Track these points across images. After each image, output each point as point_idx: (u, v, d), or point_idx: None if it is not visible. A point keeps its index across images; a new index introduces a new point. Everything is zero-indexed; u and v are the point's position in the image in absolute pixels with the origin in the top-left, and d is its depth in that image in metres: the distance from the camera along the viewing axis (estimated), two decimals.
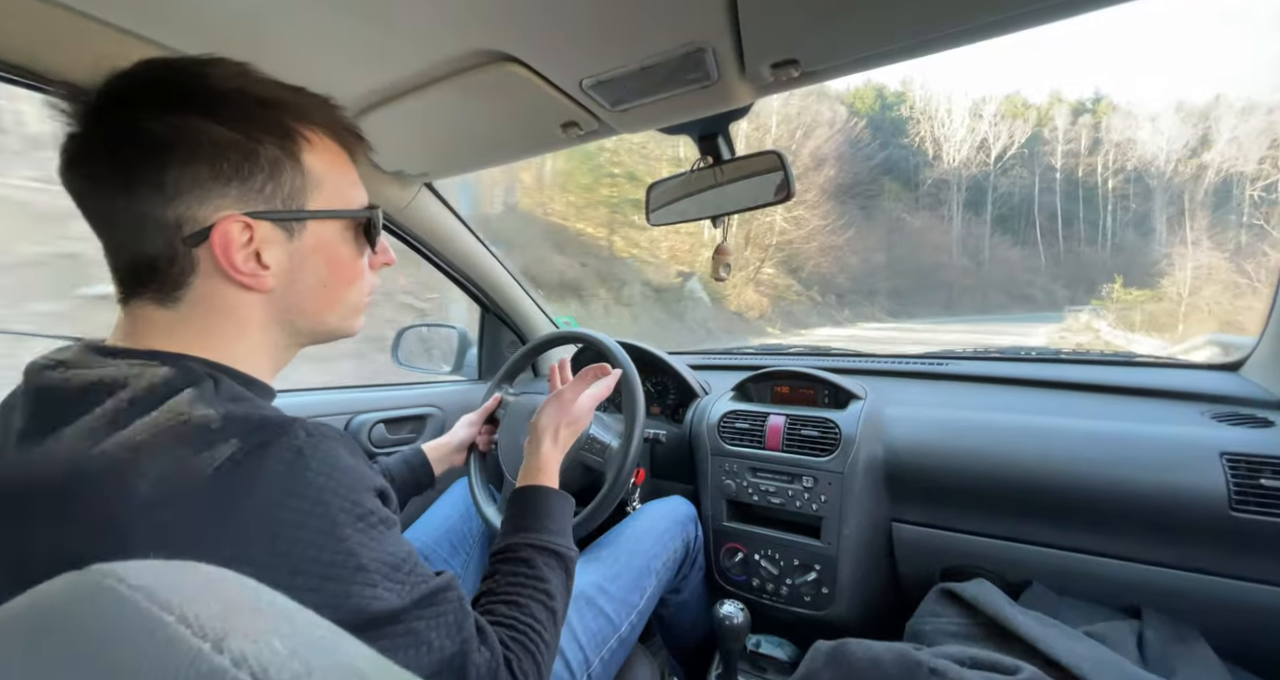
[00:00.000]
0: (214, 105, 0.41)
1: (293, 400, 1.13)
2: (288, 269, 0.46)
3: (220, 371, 0.43)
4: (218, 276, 0.43)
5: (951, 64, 68.14)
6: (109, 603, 0.14)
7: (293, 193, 0.45)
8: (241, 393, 0.42)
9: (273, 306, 0.46)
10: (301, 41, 0.66)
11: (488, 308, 1.48)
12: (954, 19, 0.57)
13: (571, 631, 0.74)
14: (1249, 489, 0.73)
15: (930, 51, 0.63)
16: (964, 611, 0.81)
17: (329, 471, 0.38)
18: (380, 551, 0.39)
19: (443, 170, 1.06)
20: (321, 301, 0.49)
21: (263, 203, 0.43)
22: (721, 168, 0.92)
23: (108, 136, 0.40)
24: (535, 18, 0.60)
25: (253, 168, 0.42)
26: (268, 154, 0.43)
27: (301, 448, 0.38)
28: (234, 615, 0.14)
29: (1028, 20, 0.56)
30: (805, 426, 1.05)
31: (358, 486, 0.40)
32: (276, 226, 0.44)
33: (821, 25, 0.59)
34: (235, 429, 0.36)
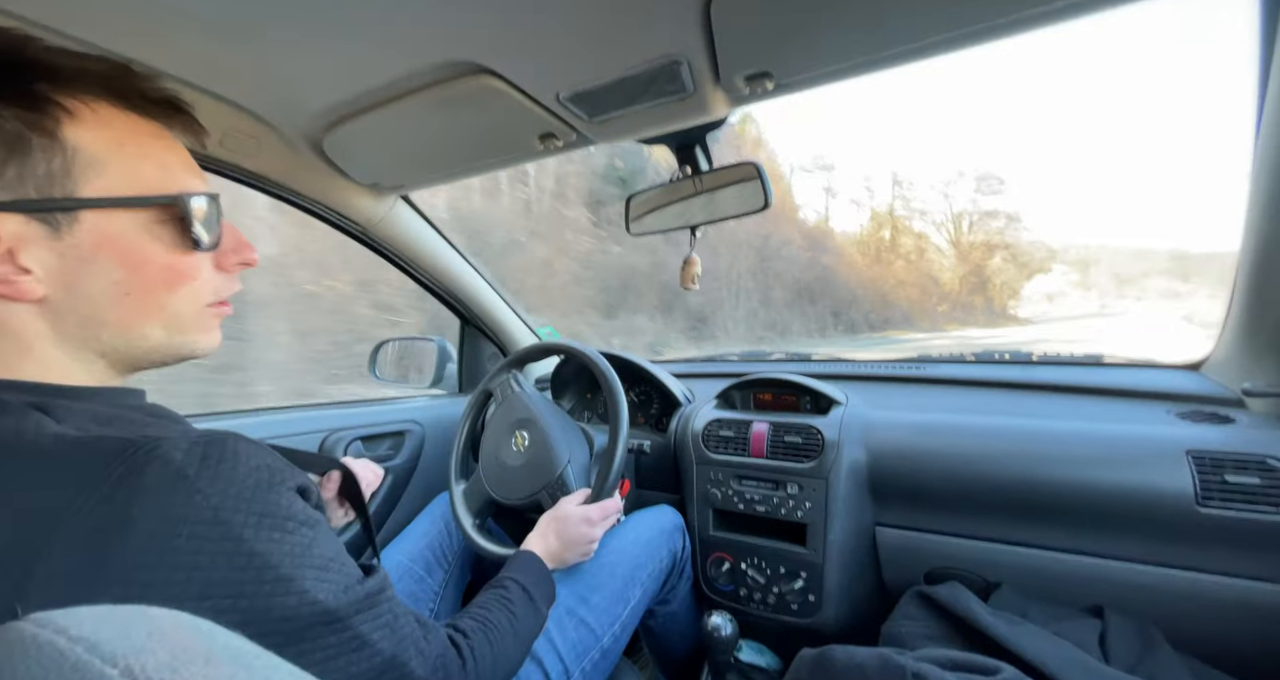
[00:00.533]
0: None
1: (264, 419, 1.09)
2: (60, 272, 0.37)
3: (44, 393, 0.37)
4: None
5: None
6: (45, 656, 0.13)
7: (51, 177, 0.35)
8: (85, 411, 0.36)
9: (56, 319, 0.38)
10: (274, 51, 0.65)
11: (467, 320, 1.46)
12: (924, 33, 0.59)
13: (551, 642, 0.73)
14: (1214, 485, 0.75)
15: (900, 64, 0.64)
16: (937, 614, 0.82)
17: (225, 486, 0.33)
18: (304, 555, 0.36)
19: (419, 182, 1.05)
20: (128, 311, 0.39)
21: (4, 191, 0.35)
22: (700, 178, 0.93)
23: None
24: (511, 30, 0.60)
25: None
26: (5, 129, 0.34)
27: (181, 467, 0.32)
28: (185, 666, 0.13)
29: (995, 33, 0.58)
30: (788, 433, 1.05)
31: (266, 491, 0.35)
32: (32, 220, 0.35)
33: (794, 39, 0.60)
34: (90, 460, 0.31)
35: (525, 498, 0.91)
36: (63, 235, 0.36)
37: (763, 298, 19.85)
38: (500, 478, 0.95)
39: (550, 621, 0.74)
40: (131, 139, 0.39)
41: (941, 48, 0.60)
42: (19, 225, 0.35)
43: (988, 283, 23.75)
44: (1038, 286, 62.66)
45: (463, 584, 0.99)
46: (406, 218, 1.15)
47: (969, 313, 21.48)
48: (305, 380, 4.01)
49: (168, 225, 0.40)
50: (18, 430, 0.33)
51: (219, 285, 0.45)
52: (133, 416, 0.39)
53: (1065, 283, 68.09)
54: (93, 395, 0.40)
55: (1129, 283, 74.80)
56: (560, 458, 0.91)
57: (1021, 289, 59.67)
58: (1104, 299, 66.39)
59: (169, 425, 0.41)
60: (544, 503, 0.89)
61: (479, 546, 0.90)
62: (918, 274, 45.33)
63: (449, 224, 1.23)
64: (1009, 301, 42.27)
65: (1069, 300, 62.74)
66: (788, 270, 21.17)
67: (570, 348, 1.01)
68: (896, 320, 22.02)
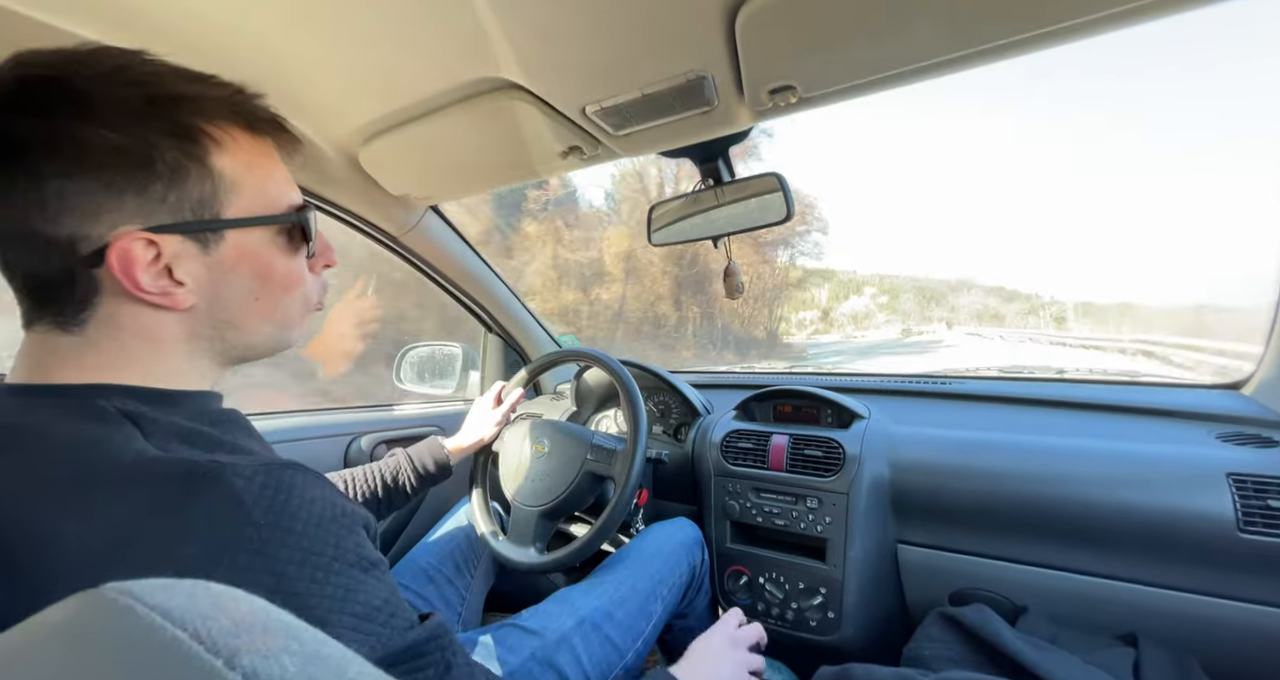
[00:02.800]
0: (90, 105, 0.36)
1: (293, 421, 1.13)
2: (208, 283, 0.41)
3: (141, 399, 0.39)
4: (125, 297, 0.38)
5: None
6: (125, 620, 0.14)
7: (203, 200, 0.39)
8: (170, 425, 0.38)
9: (196, 323, 0.42)
10: (311, 69, 0.68)
11: (490, 327, 1.49)
12: (946, 48, 0.59)
13: (578, 660, 0.72)
14: (1256, 510, 0.72)
15: (923, 79, 0.65)
16: (963, 637, 0.79)
17: (276, 518, 0.33)
18: (345, 600, 0.34)
19: (447, 194, 1.08)
20: (254, 314, 0.44)
21: (168, 214, 0.38)
22: (722, 189, 0.94)
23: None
24: (540, 47, 0.63)
25: (148, 176, 0.37)
26: (166, 159, 0.37)
27: (239, 496, 0.32)
28: (245, 632, 0.14)
29: (1016, 49, 0.58)
30: (808, 446, 1.04)
31: (318, 528, 0.34)
32: (188, 239, 0.39)
33: (818, 53, 0.61)
34: (161, 483, 0.33)
35: (561, 494, 0.92)
36: (210, 251, 0.41)
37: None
38: (528, 486, 0.96)
39: (576, 637, 0.74)
40: (257, 160, 0.43)
41: (963, 63, 0.60)
42: (177, 244, 0.39)
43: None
44: (847, 307, 63.96)
45: (487, 588, 1.00)
46: (435, 227, 1.19)
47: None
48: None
49: (286, 236, 0.45)
50: (106, 442, 0.34)
51: (314, 287, 0.50)
52: (210, 433, 0.40)
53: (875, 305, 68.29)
54: (183, 400, 0.42)
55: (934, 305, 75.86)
56: (585, 436, 0.95)
57: (828, 310, 60.84)
58: (907, 322, 66.77)
59: (240, 444, 0.41)
60: (593, 468, 0.92)
61: (503, 556, 0.91)
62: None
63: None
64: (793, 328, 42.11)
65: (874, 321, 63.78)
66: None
67: (591, 355, 1.02)
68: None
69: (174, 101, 0.38)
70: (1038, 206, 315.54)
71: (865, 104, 72.53)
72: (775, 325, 25.98)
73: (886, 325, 63.84)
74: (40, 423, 0.36)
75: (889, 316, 67.96)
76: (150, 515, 0.32)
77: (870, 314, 65.33)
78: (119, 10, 0.57)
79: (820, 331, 54.92)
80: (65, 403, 0.37)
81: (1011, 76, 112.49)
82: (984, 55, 0.59)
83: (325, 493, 0.37)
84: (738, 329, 22.73)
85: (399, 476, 0.90)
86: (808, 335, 50.82)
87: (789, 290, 27.53)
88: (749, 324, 23.75)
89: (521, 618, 0.77)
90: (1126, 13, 0.53)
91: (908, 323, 67.59)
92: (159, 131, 0.37)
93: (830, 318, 59.61)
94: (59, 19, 0.57)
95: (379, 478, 0.89)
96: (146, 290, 0.38)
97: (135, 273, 0.37)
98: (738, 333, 22.26)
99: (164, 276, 0.39)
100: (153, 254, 0.38)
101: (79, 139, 0.35)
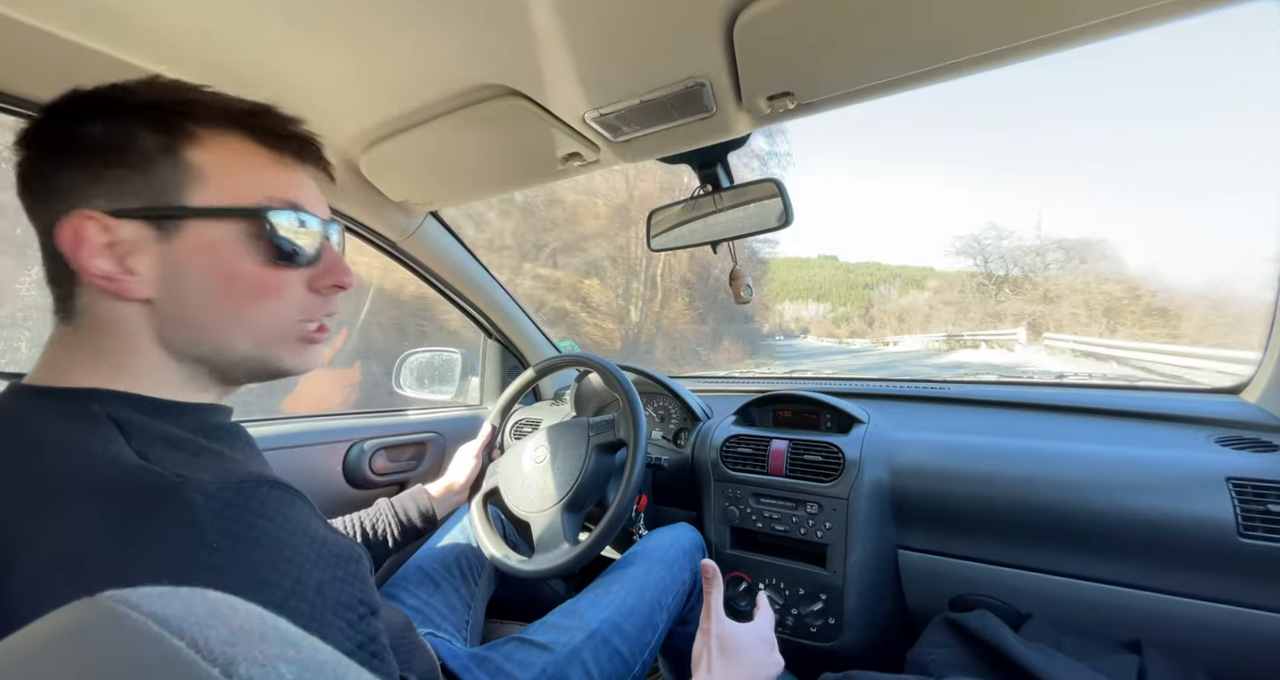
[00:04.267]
0: (99, 105, 0.39)
1: (291, 428, 1.12)
2: (164, 276, 0.40)
3: (136, 407, 0.39)
4: (92, 285, 0.39)
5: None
6: (122, 628, 0.14)
7: (165, 188, 0.39)
8: (158, 432, 0.37)
9: (159, 321, 0.41)
10: (313, 77, 0.68)
11: (490, 333, 1.49)
12: (941, 55, 0.60)
13: (588, 675, 0.71)
14: (1256, 514, 0.72)
15: (921, 85, 0.65)
16: (966, 642, 0.79)
17: (234, 543, 0.30)
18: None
19: (448, 200, 1.08)
20: (216, 320, 0.42)
21: (133, 200, 0.39)
22: (720, 194, 0.94)
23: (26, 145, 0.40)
24: (541, 54, 0.63)
25: (124, 162, 0.38)
26: (141, 147, 0.39)
27: (196, 515, 0.30)
28: (242, 640, 0.14)
29: (1014, 55, 0.59)
30: (808, 451, 1.04)
31: (278, 556, 0.31)
32: (146, 226, 0.39)
33: (816, 60, 0.62)
34: (125, 493, 0.32)
35: (576, 480, 0.91)
36: (169, 241, 0.40)
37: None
38: (541, 490, 0.95)
39: (587, 651, 0.73)
40: (242, 159, 0.42)
41: (959, 69, 0.61)
42: (134, 230, 0.39)
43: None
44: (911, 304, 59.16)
45: (489, 595, 0.99)
46: (435, 233, 1.19)
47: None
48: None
49: (260, 240, 0.42)
50: (88, 450, 0.34)
51: (309, 305, 0.46)
52: (197, 441, 0.38)
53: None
54: (177, 410, 0.41)
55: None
56: (581, 422, 0.94)
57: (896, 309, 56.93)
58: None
59: (226, 453, 0.40)
60: (603, 441, 0.91)
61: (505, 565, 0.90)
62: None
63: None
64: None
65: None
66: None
67: (590, 360, 1.02)
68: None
69: (171, 102, 0.40)
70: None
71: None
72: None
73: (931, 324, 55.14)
74: (37, 426, 0.36)
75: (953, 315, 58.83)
76: (108, 528, 0.31)
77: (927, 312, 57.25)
78: (118, 19, 0.57)
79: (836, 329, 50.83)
80: (63, 406, 0.37)
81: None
82: (980, 61, 0.59)
83: (299, 517, 0.34)
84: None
85: (379, 526, 0.85)
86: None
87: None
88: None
89: (530, 632, 0.76)
90: (1122, 19, 0.53)
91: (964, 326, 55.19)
92: (143, 124, 0.39)
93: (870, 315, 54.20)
94: (61, 28, 0.57)
95: (358, 525, 0.84)
96: (93, 273, 0.38)
97: (81, 254, 0.38)
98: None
99: (116, 262, 0.38)
100: (105, 238, 0.38)
101: (76, 132, 0.39)
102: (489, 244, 12.63)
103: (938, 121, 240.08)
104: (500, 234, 13.46)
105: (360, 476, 1.17)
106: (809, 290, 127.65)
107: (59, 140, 0.39)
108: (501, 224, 13.39)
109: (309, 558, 0.33)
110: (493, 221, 13.01)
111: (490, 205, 12.25)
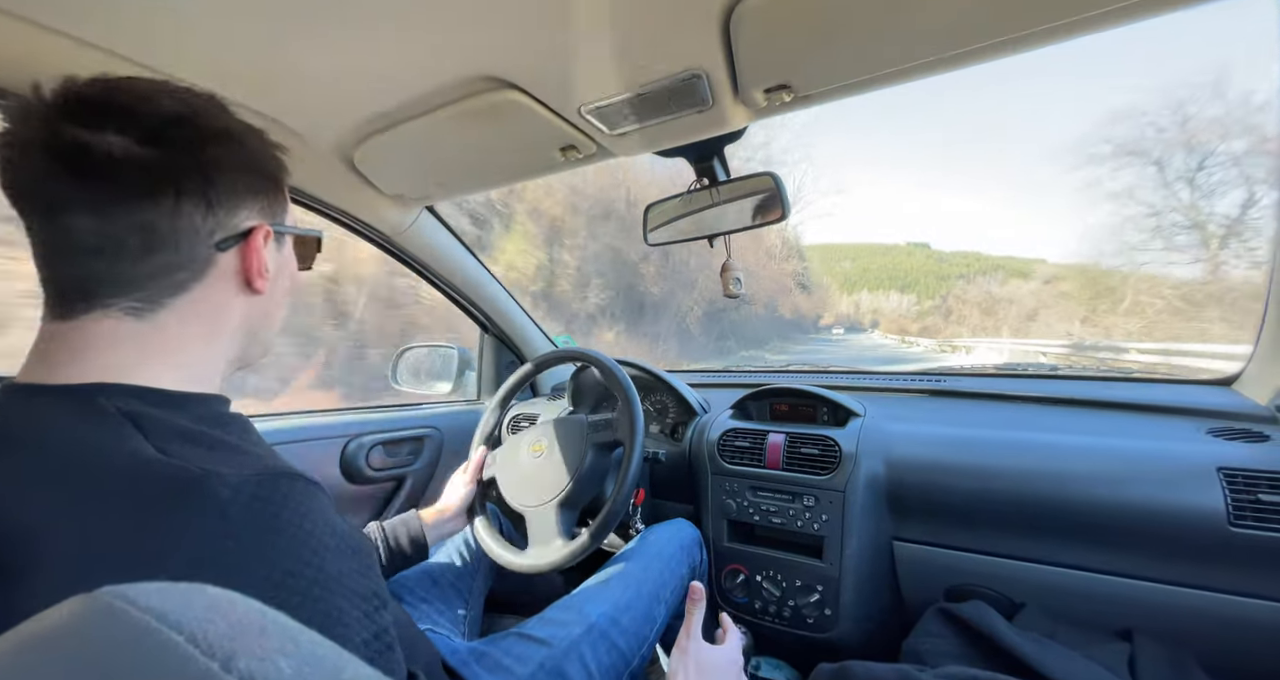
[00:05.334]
0: (236, 135, 0.44)
1: (288, 423, 1.12)
2: (272, 278, 0.48)
3: (137, 398, 0.38)
4: (225, 279, 0.45)
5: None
6: (120, 624, 0.14)
7: (276, 210, 0.49)
8: (171, 423, 0.37)
9: (252, 312, 0.48)
10: (304, 69, 0.68)
11: (487, 328, 1.49)
12: (942, 46, 0.59)
13: (586, 669, 0.72)
14: (1247, 504, 0.73)
15: (918, 77, 0.65)
16: (961, 632, 0.80)
17: (258, 534, 0.32)
18: (321, 629, 0.32)
19: (443, 194, 1.08)
20: (277, 313, 0.52)
21: (271, 217, 0.48)
22: (717, 188, 0.94)
23: (115, 150, 0.37)
24: (536, 46, 0.62)
25: (271, 185, 0.47)
26: (277, 172, 0.48)
27: (224, 507, 0.32)
28: (241, 635, 0.14)
29: (1013, 46, 0.58)
30: (805, 444, 1.04)
31: (302, 547, 0.33)
32: (274, 237, 0.48)
33: (812, 52, 0.61)
34: (149, 489, 0.32)
35: (572, 478, 0.91)
36: (279, 251, 0.49)
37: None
38: (537, 485, 0.94)
39: (585, 646, 0.73)
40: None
41: (957, 61, 0.61)
42: (270, 241, 0.47)
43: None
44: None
45: (487, 589, 0.99)
46: (431, 228, 1.18)
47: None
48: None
49: (300, 250, 0.54)
50: (101, 446, 0.34)
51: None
52: (211, 435, 0.38)
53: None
54: (185, 401, 0.41)
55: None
56: (579, 419, 0.94)
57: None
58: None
59: (243, 447, 0.39)
60: (600, 439, 0.92)
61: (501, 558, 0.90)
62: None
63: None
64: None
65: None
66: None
67: (587, 355, 1.02)
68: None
69: (271, 142, 0.48)
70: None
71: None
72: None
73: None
74: (45, 423, 0.36)
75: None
76: (135, 523, 0.31)
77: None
78: (110, 14, 0.56)
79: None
80: (68, 403, 0.37)
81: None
82: (980, 52, 0.59)
83: (321, 509, 0.35)
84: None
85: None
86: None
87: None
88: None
89: (528, 627, 0.77)
90: (1120, 10, 0.53)
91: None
92: (273, 154, 0.48)
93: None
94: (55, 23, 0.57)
95: None
96: (261, 275, 0.46)
97: (254, 256, 0.45)
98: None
99: (264, 263, 0.46)
100: (267, 245, 0.47)
101: (238, 150, 0.45)
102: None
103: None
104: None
105: (357, 472, 1.17)
106: (892, 279, 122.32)
107: (224, 155, 0.43)
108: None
109: (330, 548, 0.34)
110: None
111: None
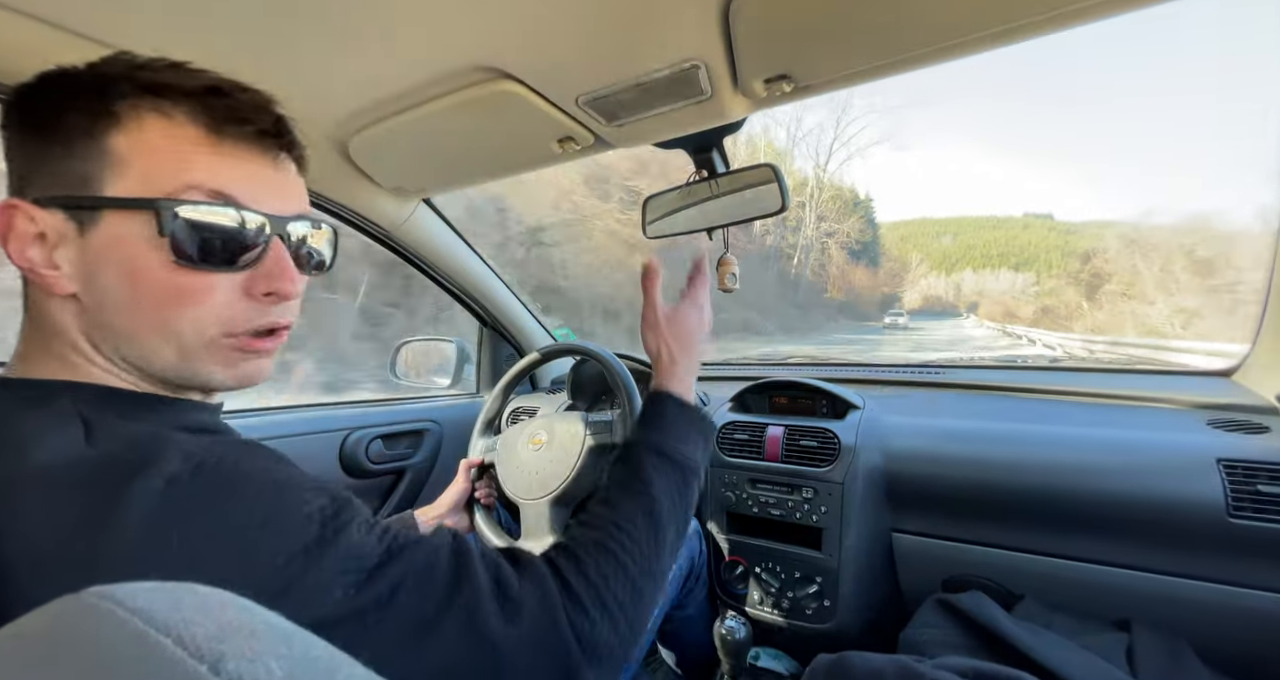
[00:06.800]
0: (43, 85, 0.37)
1: (286, 417, 1.12)
2: (84, 273, 0.36)
3: (103, 400, 0.36)
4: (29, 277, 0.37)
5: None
6: (106, 625, 0.14)
7: (85, 176, 0.35)
8: (123, 425, 0.34)
9: (86, 320, 0.37)
10: (297, 59, 0.67)
11: (486, 322, 1.49)
12: (941, 34, 0.58)
13: None
14: (1246, 495, 0.73)
15: (919, 66, 0.64)
16: (959, 622, 0.80)
17: (221, 496, 0.31)
18: (315, 573, 0.32)
19: (440, 186, 1.07)
20: (134, 326, 0.37)
21: (58, 189, 0.36)
22: (716, 180, 0.93)
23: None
24: (533, 36, 0.62)
25: (51, 148, 0.36)
26: (65, 130, 0.35)
27: (176, 476, 0.31)
28: (230, 637, 0.14)
29: (1013, 35, 0.57)
30: (804, 437, 1.04)
31: (281, 500, 0.33)
32: (66, 217, 0.36)
33: (812, 42, 0.61)
34: (90, 481, 0.30)
35: (567, 478, 0.90)
36: (87, 234, 0.36)
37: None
38: (533, 479, 0.94)
39: None
40: (167, 144, 0.36)
41: (959, 50, 0.60)
42: (58, 221, 0.36)
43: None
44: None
45: None
46: (428, 221, 1.17)
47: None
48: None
49: (168, 234, 0.36)
50: (50, 446, 0.32)
51: (239, 314, 0.39)
52: (169, 434, 0.35)
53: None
54: (155, 404, 0.39)
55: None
56: (580, 417, 0.94)
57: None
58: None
59: (190, 438, 0.36)
60: (600, 441, 0.91)
61: (495, 546, 0.91)
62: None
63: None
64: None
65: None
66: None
67: (586, 349, 1.02)
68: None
69: (103, 81, 0.36)
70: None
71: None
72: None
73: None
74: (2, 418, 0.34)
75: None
76: (72, 517, 0.29)
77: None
78: (101, 6, 0.55)
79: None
80: (30, 398, 0.35)
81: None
82: (980, 41, 0.58)
83: (268, 465, 0.34)
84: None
85: None
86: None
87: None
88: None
89: None
90: None
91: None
92: (70, 105, 0.36)
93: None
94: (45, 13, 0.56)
95: None
96: (19, 263, 0.36)
97: (10, 244, 0.36)
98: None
99: (44, 254, 0.36)
100: (34, 229, 0.36)
101: (21, 115, 0.37)
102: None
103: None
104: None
105: (357, 465, 1.17)
106: (1003, 257, 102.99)
107: (9, 124, 0.37)
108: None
109: (296, 515, 0.33)
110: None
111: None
